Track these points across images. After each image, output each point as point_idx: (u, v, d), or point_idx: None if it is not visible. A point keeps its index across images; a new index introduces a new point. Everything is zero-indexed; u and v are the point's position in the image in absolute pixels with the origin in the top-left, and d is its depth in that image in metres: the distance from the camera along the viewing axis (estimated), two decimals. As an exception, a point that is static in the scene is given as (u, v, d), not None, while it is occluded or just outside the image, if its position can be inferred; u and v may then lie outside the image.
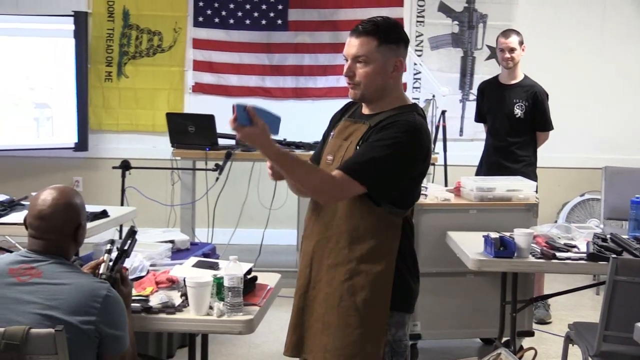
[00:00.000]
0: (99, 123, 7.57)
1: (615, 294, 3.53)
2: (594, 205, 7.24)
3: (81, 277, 2.68)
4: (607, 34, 7.60)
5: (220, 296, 3.04)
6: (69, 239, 2.74)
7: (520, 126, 5.66)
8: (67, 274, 2.65)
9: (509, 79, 5.75)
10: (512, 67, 5.69)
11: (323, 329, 2.80)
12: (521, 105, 5.63)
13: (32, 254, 2.68)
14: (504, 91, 5.73)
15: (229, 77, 7.61)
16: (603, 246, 3.98)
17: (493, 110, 5.81)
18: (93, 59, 7.49)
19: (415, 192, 2.86)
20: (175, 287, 3.25)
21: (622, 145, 7.59)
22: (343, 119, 2.97)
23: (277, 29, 7.57)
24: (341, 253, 2.77)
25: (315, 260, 2.85)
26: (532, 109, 5.63)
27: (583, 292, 5.72)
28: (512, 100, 5.66)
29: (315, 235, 2.86)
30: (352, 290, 2.74)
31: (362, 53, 2.75)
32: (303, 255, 2.94)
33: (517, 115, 5.64)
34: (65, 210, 2.73)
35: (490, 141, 5.86)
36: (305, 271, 2.89)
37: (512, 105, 5.64)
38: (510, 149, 5.68)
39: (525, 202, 4.85)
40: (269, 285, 3.36)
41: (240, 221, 7.02)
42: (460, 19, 7.57)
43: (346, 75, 2.80)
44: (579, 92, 7.60)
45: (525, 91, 5.67)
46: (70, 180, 7.45)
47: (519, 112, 5.63)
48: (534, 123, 5.68)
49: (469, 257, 3.99)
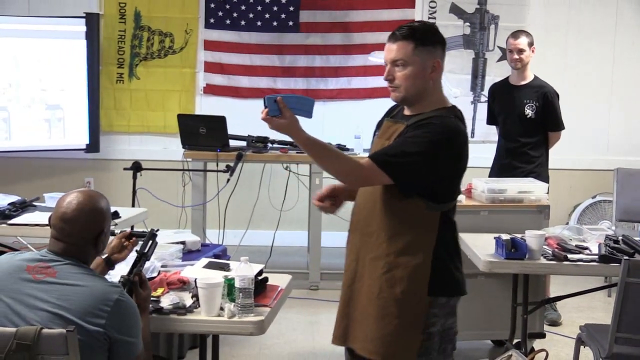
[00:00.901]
0: (110, 124, 7.59)
1: (627, 295, 3.52)
2: (606, 207, 7.22)
3: (95, 280, 2.68)
4: (620, 35, 7.58)
5: (231, 297, 3.05)
6: (90, 245, 2.75)
7: (532, 127, 5.66)
8: (81, 275, 2.66)
9: (519, 80, 5.74)
10: (521, 68, 5.69)
11: (364, 320, 2.91)
12: (531, 106, 5.62)
13: (50, 254, 2.70)
14: (514, 92, 5.72)
15: (240, 79, 7.62)
16: (615, 248, 3.97)
17: (504, 112, 5.80)
18: (104, 60, 7.51)
19: (450, 190, 2.95)
20: (186, 288, 3.26)
21: (635, 147, 7.56)
22: (386, 120, 3.07)
23: (288, 30, 7.58)
24: (381, 247, 2.88)
25: (361, 254, 2.96)
26: (542, 109, 5.62)
27: (594, 294, 5.70)
28: (522, 100, 5.65)
29: (360, 229, 2.98)
30: (390, 282, 2.86)
31: (399, 57, 2.87)
32: (350, 248, 3.03)
33: (528, 116, 5.63)
34: (88, 216, 2.73)
35: (502, 143, 5.86)
36: (352, 264, 3.00)
37: (523, 106, 5.64)
38: (522, 150, 5.67)
39: (537, 203, 4.84)
40: (279, 287, 3.37)
41: (251, 222, 7.03)
42: (471, 20, 7.56)
43: (386, 79, 2.92)
44: (591, 93, 7.58)
45: (535, 91, 5.66)
46: (81, 181, 7.48)
47: (529, 112, 5.62)
48: (545, 123, 5.67)
49: (480, 258, 3.99)
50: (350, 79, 7.60)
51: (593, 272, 4.11)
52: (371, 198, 2.93)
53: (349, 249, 3.05)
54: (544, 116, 5.65)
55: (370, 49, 7.35)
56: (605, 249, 3.97)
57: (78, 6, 7.31)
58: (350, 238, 3.05)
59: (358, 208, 3.02)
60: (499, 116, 5.88)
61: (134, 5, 7.52)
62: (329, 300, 5.83)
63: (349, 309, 2.99)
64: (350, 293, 3.00)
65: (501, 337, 4.83)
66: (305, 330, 5.40)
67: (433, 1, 7.46)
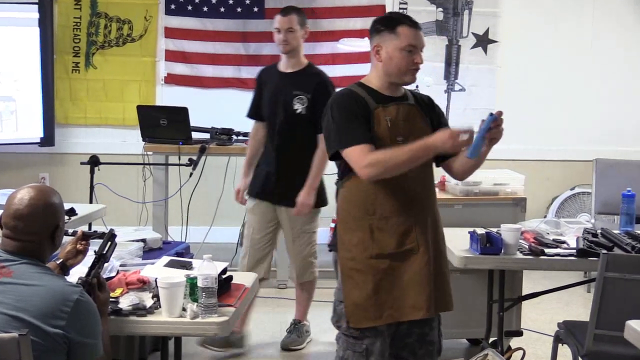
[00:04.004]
0: (65, 117, 7.53)
1: (605, 291, 3.55)
2: (585, 199, 7.30)
3: (54, 279, 2.67)
4: (599, 24, 7.64)
5: (194, 297, 3.04)
6: (46, 241, 2.74)
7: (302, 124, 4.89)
8: (39, 275, 2.64)
9: (287, 67, 5.00)
10: (291, 52, 4.94)
11: (445, 280, 3.38)
12: (302, 99, 4.89)
13: (5, 254, 2.68)
14: (283, 80, 4.99)
15: (203, 68, 7.59)
16: (593, 242, 4.02)
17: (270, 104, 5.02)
18: (59, 49, 7.45)
19: None
20: (146, 288, 3.24)
21: (614, 137, 7.63)
22: (388, 105, 3.31)
23: (253, 16, 7.55)
24: (437, 214, 3.41)
25: (431, 229, 3.34)
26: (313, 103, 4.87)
27: (573, 290, 5.72)
28: (290, 92, 4.92)
29: (429, 207, 3.38)
30: (444, 240, 3.46)
31: (424, 45, 3.36)
32: (421, 228, 3.31)
33: (298, 111, 4.89)
34: (44, 211, 2.72)
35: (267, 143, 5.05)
36: (426, 241, 3.30)
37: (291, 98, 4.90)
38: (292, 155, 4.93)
39: (513, 196, 4.87)
40: (245, 285, 3.37)
41: (215, 219, 7.01)
42: (444, 5, 7.59)
43: (418, 63, 3.32)
44: (569, 82, 7.63)
45: (308, 81, 4.95)
46: (36, 177, 7.42)
47: (299, 106, 4.89)
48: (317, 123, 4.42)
49: (454, 254, 4.00)
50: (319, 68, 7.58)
51: (571, 267, 4.14)
52: (422, 169, 3.30)
53: (416, 228, 3.29)
54: (315, 113, 4.72)
55: (338, 35, 7.36)
56: (583, 243, 4.00)
57: (30, -8, 7.24)
58: (413, 218, 3.30)
59: (412, 189, 3.30)
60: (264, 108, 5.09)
61: (90, -9, 7.47)
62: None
63: (430, 278, 3.28)
64: (434, 265, 3.30)
65: (477, 335, 4.85)
66: (273, 331, 5.40)
67: (404, -14, 7.50)
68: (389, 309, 3.26)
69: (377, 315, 3.25)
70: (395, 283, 3.26)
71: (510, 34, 7.53)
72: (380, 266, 3.25)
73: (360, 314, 3.26)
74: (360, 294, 3.25)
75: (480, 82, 7.61)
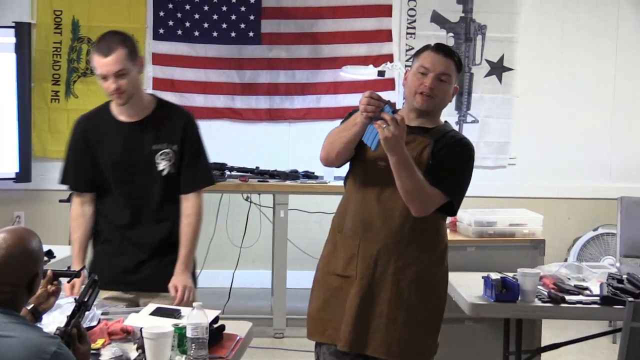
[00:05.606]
0: (43, 150, 7.54)
1: (632, 342, 3.54)
2: (609, 240, 7.28)
3: (29, 330, 2.65)
4: (622, 47, 7.66)
5: (182, 349, 3.03)
6: (22, 290, 2.70)
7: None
8: (13, 325, 2.62)
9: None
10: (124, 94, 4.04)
11: (389, 324, 3.36)
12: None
13: None
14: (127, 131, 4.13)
15: (194, 97, 7.61)
16: (619, 288, 4.01)
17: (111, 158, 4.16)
18: (37, 76, 7.47)
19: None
20: (130, 339, 3.23)
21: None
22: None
23: (248, 42, 7.59)
24: (412, 255, 3.38)
25: (382, 261, 3.37)
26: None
27: (597, 340, 5.70)
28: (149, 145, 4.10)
29: (383, 238, 3.38)
30: (422, 288, 3.39)
31: (448, 72, 3.40)
32: (363, 257, 3.39)
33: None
34: (20, 259, 2.68)
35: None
36: (366, 272, 3.38)
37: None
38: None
39: (531, 238, 4.88)
40: (238, 336, 3.36)
41: (206, 261, 6.97)
42: (456, 30, 7.63)
43: (431, 88, 3.37)
44: (591, 113, 7.65)
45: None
46: (10, 215, 7.42)
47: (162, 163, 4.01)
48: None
49: (467, 300, 4.00)
50: (319, 97, 7.62)
51: (594, 315, 4.14)
52: (394, 206, 3.35)
53: (361, 258, 3.39)
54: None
55: (341, 62, 7.38)
56: (608, 290, 4.00)
57: (6, 15, 7.29)
58: (363, 248, 3.39)
59: (370, 215, 3.39)
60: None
61: (71, 14, 7.50)
62: (296, 349, 5.81)
63: (362, 317, 3.35)
64: (365, 299, 3.36)
65: (492, 390, 4.83)
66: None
67: (412, 9, 7.53)
68: (331, 328, 3.45)
69: (321, 332, 3.49)
70: (340, 305, 3.43)
71: (527, 61, 7.56)
72: (333, 284, 3.47)
73: (311, 325, 3.55)
74: (313, 306, 3.54)
75: (495, 113, 7.63)
